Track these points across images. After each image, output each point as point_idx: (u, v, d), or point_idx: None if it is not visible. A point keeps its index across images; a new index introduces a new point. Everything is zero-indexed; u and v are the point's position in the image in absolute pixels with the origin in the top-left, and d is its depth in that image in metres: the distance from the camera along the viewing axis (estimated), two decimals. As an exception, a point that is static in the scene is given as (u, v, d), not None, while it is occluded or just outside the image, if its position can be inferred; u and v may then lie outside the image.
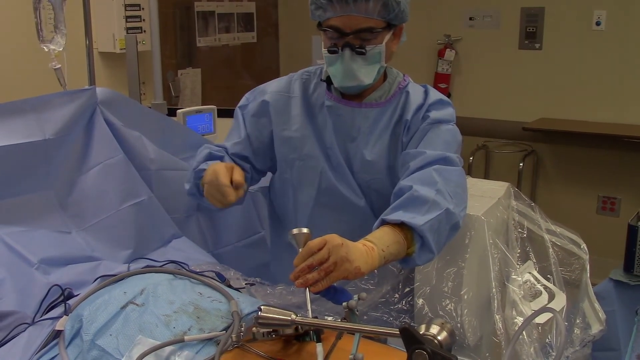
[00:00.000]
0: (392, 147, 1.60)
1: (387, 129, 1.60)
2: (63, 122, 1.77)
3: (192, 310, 1.19)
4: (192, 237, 1.97)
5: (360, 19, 1.48)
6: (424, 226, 1.30)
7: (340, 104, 1.62)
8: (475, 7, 4.62)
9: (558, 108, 4.41)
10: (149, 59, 3.55)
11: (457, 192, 1.42)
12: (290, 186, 1.69)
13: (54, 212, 1.74)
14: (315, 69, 1.72)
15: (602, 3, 4.17)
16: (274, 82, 1.74)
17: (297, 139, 1.64)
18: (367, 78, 1.54)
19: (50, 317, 1.26)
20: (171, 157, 1.99)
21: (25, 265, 1.50)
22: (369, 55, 1.51)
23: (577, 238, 1.82)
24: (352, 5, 1.47)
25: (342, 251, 1.19)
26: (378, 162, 1.59)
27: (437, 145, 1.51)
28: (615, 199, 4.35)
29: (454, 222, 1.39)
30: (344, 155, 1.62)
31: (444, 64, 4.74)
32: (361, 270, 1.21)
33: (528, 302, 1.62)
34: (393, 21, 1.53)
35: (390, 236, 1.30)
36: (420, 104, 1.59)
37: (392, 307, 1.50)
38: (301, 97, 1.68)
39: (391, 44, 1.58)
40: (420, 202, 1.35)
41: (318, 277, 1.18)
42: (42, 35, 1.84)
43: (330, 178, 1.62)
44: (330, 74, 1.58)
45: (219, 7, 4.81)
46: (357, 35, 1.50)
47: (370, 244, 1.26)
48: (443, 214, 1.35)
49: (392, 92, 1.63)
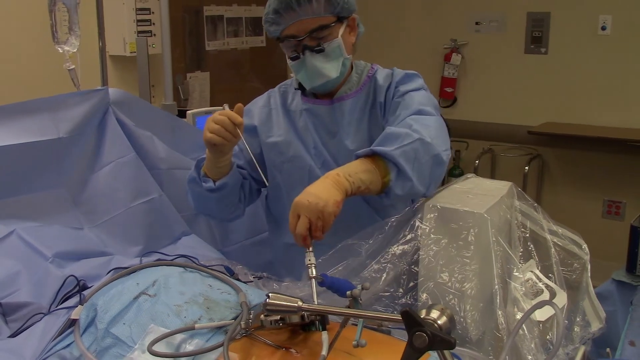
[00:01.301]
0: (373, 132, 1.67)
1: (363, 115, 1.69)
2: (76, 121, 1.82)
3: (202, 301, 1.23)
4: (201, 235, 2.01)
5: (310, 20, 1.58)
6: (395, 152, 1.37)
7: (315, 105, 1.72)
8: (481, 11, 4.66)
9: (563, 112, 4.43)
10: (158, 63, 3.60)
11: (436, 134, 1.48)
12: (283, 189, 1.76)
13: (67, 208, 1.79)
14: (291, 81, 1.82)
15: (608, 8, 4.20)
16: (255, 102, 1.85)
17: (282, 143, 1.73)
18: (332, 72, 1.62)
19: (66, 307, 1.30)
20: (181, 156, 2.04)
21: (40, 259, 1.54)
22: (329, 51, 1.60)
23: (578, 239, 1.84)
24: (299, 10, 1.57)
25: (314, 207, 1.29)
26: (362, 149, 1.65)
27: (411, 107, 1.58)
28: (620, 203, 4.37)
29: (433, 153, 1.44)
30: (329, 153, 1.70)
31: (450, 68, 4.78)
32: (337, 200, 1.32)
33: (529, 300, 1.65)
34: (341, 14, 1.62)
35: (358, 165, 1.39)
36: (388, 84, 1.68)
37: (396, 302, 1.53)
38: (281, 106, 1.78)
39: (348, 37, 1.67)
40: (393, 136, 1.43)
41: (320, 235, 1.31)
42: (57, 37, 1.90)
43: (318, 175, 1.67)
44: (300, 79, 1.69)
45: (227, 11, 4.86)
46: (311, 37, 1.59)
47: (335, 172, 1.36)
48: (417, 142, 1.41)
49: (361, 82, 1.72)
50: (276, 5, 1.60)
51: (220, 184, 1.66)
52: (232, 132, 1.52)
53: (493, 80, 4.70)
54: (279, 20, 1.61)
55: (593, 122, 4.32)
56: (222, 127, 1.51)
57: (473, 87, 4.79)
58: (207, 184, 1.67)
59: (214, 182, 1.67)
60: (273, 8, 1.61)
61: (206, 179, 1.67)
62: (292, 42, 1.62)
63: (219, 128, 1.51)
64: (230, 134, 1.52)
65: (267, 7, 1.64)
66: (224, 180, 1.67)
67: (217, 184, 1.66)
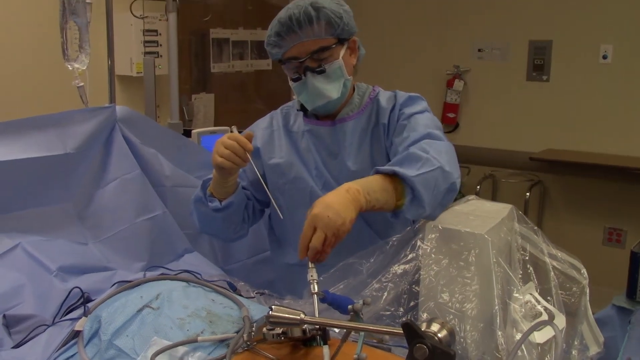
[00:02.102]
0: (375, 153, 1.69)
1: (365, 137, 1.70)
2: (84, 137, 1.85)
3: (204, 314, 1.25)
4: (203, 253, 2.02)
5: (311, 42, 1.61)
6: (416, 178, 1.38)
7: (317, 126, 1.74)
8: (484, 39, 4.72)
9: (565, 139, 4.46)
10: (164, 83, 3.65)
11: (450, 160, 1.49)
12: (285, 210, 1.76)
13: (72, 223, 1.81)
14: (293, 103, 1.85)
15: (609, 37, 4.25)
16: (258, 122, 1.87)
17: (283, 165, 1.75)
18: (334, 93, 1.65)
19: (70, 318, 1.32)
20: (185, 174, 2.06)
21: (45, 272, 1.56)
22: (330, 72, 1.63)
23: (577, 263, 1.85)
24: (300, 32, 1.60)
25: (332, 222, 1.28)
26: (364, 170, 1.66)
27: (418, 129, 1.59)
28: (621, 230, 4.37)
29: (450, 181, 1.45)
30: (331, 173, 1.72)
31: (452, 94, 4.83)
32: (354, 218, 1.32)
33: (528, 322, 1.66)
34: (342, 36, 1.64)
35: (377, 183, 1.38)
36: (392, 106, 1.70)
37: (397, 321, 1.54)
38: (283, 128, 1.80)
39: (349, 58, 1.69)
40: (414, 159, 1.44)
41: (330, 250, 1.31)
42: (67, 54, 1.93)
43: (320, 196, 1.69)
44: (302, 101, 1.70)
45: (233, 34, 4.92)
46: (313, 58, 1.62)
47: (355, 187, 1.35)
48: (438, 171, 1.42)
49: (363, 103, 1.74)
50: (278, 28, 1.63)
51: (227, 203, 1.69)
52: (243, 157, 1.55)
53: (495, 107, 4.74)
54: (280, 43, 1.64)
55: (594, 150, 4.35)
56: (232, 152, 1.54)
57: (475, 113, 4.83)
58: (213, 203, 1.69)
59: (220, 201, 1.69)
60: (275, 31, 1.64)
61: (212, 198, 1.70)
62: (294, 63, 1.64)
63: (229, 153, 1.54)
64: (240, 159, 1.55)
65: (269, 30, 1.67)
66: (229, 200, 1.69)
67: (223, 204, 1.68)
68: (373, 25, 4.83)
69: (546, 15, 4.45)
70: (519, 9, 4.54)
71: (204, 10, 4.31)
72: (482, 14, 4.69)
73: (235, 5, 4.98)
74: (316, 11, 1.59)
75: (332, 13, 1.61)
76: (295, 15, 1.60)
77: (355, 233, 1.67)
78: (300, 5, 1.61)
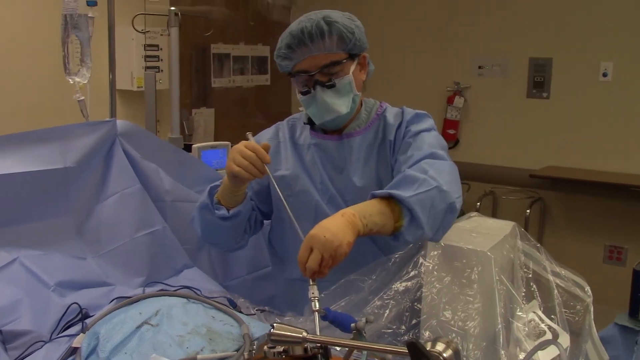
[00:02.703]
0: (381, 169, 1.68)
1: (371, 153, 1.69)
2: (84, 151, 1.84)
3: (204, 332, 1.23)
4: (203, 269, 2.00)
5: (322, 56, 1.60)
6: (411, 198, 1.36)
7: (324, 140, 1.72)
8: (484, 56, 4.73)
9: (565, 156, 4.46)
10: (164, 98, 3.65)
11: (450, 180, 1.48)
12: (287, 224, 1.75)
13: (71, 238, 1.79)
14: (299, 115, 1.84)
15: (609, 55, 4.26)
16: (263, 132, 1.86)
17: (289, 177, 1.73)
18: (343, 108, 1.64)
19: (68, 335, 1.30)
20: (186, 189, 2.05)
21: (42, 287, 1.54)
22: (339, 87, 1.62)
23: (581, 281, 1.84)
24: (311, 46, 1.59)
25: (329, 244, 1.27)
26: (369, 186, 1.65)
27: (423, 148, 1.58)
28: (622, 248, 4.36)
29: (449, 201, 1.43)
30: (336, 188, 1.70)
31: (453, 111, 4.83)
32: (351, 242, 1.31)
33: (532, 341, 1.64)
34: (353, 51, 1.64)
35: (373, 206, 1.37)
36: (399, 123, 1.69)
37: (398, 339, 1.52)
38: (289, 140, 1.79)
39: (359, 74, 1.69)
40: (410, 180, 1.42)
41: (327, 271, 1.29)
42: (69, 68, 1.93)
43: (325, 210, 1.68)
44: (310, 114, 1.69)
45: (234, 49, 4.94)
46: (323, 72, 1.61)
47: (351, 211, 1.34)
48: (435, 190, 1.40)
49: (370, 119, 1.74)
50: (289, 41, 1.62)
51: (234, 212, 1.66)
52: (260, 169, 1.53)
53: (495, 124, 4.74)
54: (291, 55, 1.63)
55: (595, 167, 4.34)
56: (250, 163, 1.52)
57: (475, 129, 4.83)
58: (220, 211, 1.66)
59: (228, 210, 1.66)
60: (286, 43, 1.63)
61: (219, 206, 1.67)
62: (304, 77, 1.63)
63: (247, 164, 1.52)
64: (258, 170, 1.53)
65: (280, 42, 1.66)
66: (238, 209, 1.67)
67: (231, 212, 1.66)
68: (374, 41, 4.80)
69: (546, 33, 4.46)
70: (519, 26, 4.56)
71: (205, 25, 4.32)
72: (483, 30, 4.71)
73: (236, 21, 5.00)
74: (328, 25, 1.59)
75: (344, 28, 1.60)
76: (307, 28, 1.59)
77: (358, 248, 1.66)
78: (312, 18, 1.60)
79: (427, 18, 4.90)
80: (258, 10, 5.15)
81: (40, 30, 3.39)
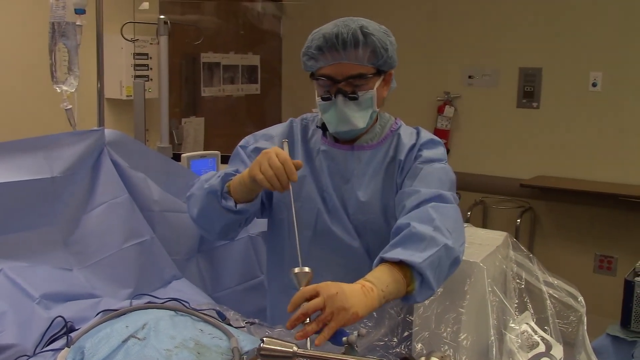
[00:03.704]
0: (386, 187, 1.64)
1: (380, 170, 1.65)
2: (71, 161, 1.81)
3: (192, 345, 1.20)
4: (192, 280, 1.98)
5: (351, 66, 1.55)
6: (423, 264, 1.32)
7: (334, 148, 1.67)
8: (474, 66, 4.74)
9: (555, 166, 4.47)
10: (153, 107, 3.63)
11: (455, 228, 1.44)
12: (286, 227, 1.71)
13: (56, 248, 1.76)
14: (312, 116, 1.77)
15: (598, 65, 4.28)
16: (277, 127, 1.78)
17: (297, 182, 1.67)
18: (360, 122, 1.60)
19: (52, 349, 1.27)
20: (174, 199, 2.03)
21: (27, 300, 1.51)
22: (362, 101, 1.58)
23: (574, 291, 1.83)
24: (343, 53, 1.54)
25: (338, 301, 1.20)
26: (372, 202, 1.62)
27: (431, 183, 1.54)
28: (612, 258, 4.36)
29: (454, 257, 1.40)
30: (339, 198, 1.66)
31: (443, 120, 4.83)
32: (359, 314, 1.22)
33: (525, 353, 1.62)
34: (382, 67, 1.60)
35: (389, 275, 1.31)
36: (412, 144, 1.65)
37: (390, 351, 1.50)
38: (301, 141, 1.73)
39: (382, 90, 1.64)
40: (418, 239, 1.37)
41: (317, 327, 1.19)
42: (56, 77, 1.91)
43: (326, 220, 1.65)
44: (325, 120, 1.64)
45: (224, 59, 4.93)
46: (348, 82, 1.56)
47: (370, 284, 1.27)
48: (442, 249, 1.37)
49: (384, 134, 1.69)
50: (320, 43, 1.56)
51: (243, 208, 1.57)
52: (284, 185, 1.44)
53: (485, 133, 4.74)
54: (319, 57, 1.58)
55: (585, 177, 4.36)
56: (275, 175, 1.43)
57: (465, 139, 4.84)
58: (228, 202, 1.57)
59: (236, 204, 1.58)
60: (317, 45, 1.57)
61: (228, 197, 1.57)
62: (327, 82, 1.58)
63: (272, 175, 1.43)
64: (281, 185, 1.44)
65: (310, 41, 1.60)
66: (246, 206, 1.58)
67: (239, 207, 1.57)
68: (364, 51, 4.84)
69: (536, 43, 4.48)
70: (509, 36, 4.58)
71: (195, 34, 4.31)
72: (473, 40, 4.72)
73: (226, 30, 5.00)
74: (364, 37, 1.55)
75: (379, 42, 1.56)
76: (343, 34, 1.54)
77: (352, 262, 1.63)
78: (349, 26, 1.56)
79: (418, 28, 4.91)
80: (248, 20, 5.14)
81: (27, 38, 3.36)
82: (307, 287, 1.24)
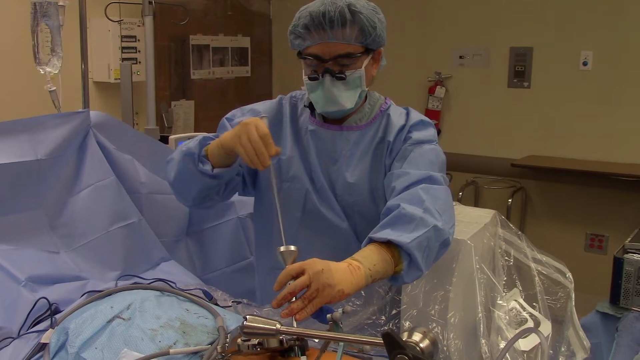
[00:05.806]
0: (374, 169, 1.62)
1: (368, 151, 1.63)
2: (56, 143, 1.79)
3: (178, 325, 1.20)
4: (181, 262, 1.98)
5: (338, 45, 1.52)
6: (411, 244, 1.31)
7: (322, 128, 1.65)
8: (465, 45, 4.71)
9: (546, 145, 4.47)
10: (142, 90, 3.59)
11: (445, 210, 1.43)
12: (274, 207, 1.69)
13: (43, 232, 1.75)
14: (301, 94, 1.74)
15: (589, 44, 4.26)
16: (264, 103, 1.75)
17: (284, 161, 1.65)
18: (348, 102, 1.57)
19: (36, 330, 1.26)
20: (162, 181, 2.00)
21: (13, 282, 1.50)
22: (349, 80, 1.55)
23: (562, 267, 1.83)
24: (330, 32, 1.51)
25: (323, 277, 1.19)
26: (360, 184, 1.60)
27: (421, 165, 1.52)
28: (603, 236, 4.38)
29: (443, 238, 1.39)
30: (327, 179, 1.64)
31: (434, 101, 4.82)
32: (345, 292, 1.21)
33: (513, 329, 1.63)
34: (370, 46, 1.57)
35: (376, 255, 1.30)
36: (402, 125, 1.62)
37: (378, 329, 1.50)
38: (290, 120, 1.70)
39: (371, 68, 1.61)
40: (407, 220, 1.36)
41: (302, 305, 1.18)
42: (39, 58, 1.88)
43: (314, 200, 1.63)
44: (312, 100, 1.61)
45: (213, 41, 4.88)
46: (336, 61, 1.53)
47: (357, 262, 1.27)
48: (431, 230, 1.35)
49: (373, 114, 1.66)
50: (307, 21, 1.53)
51: (219, 172, 1.54)
52: (263, 163, 1.41)
53: (477, 113, 4.73)
54: (306, 36, 1.55)
55: (576, 156, 4.36)
56: (254, 150, 1.40)
57: (457, 119, 4.83)
58: (204, 165, 1.54)
59: (212, 168, 1.54)
60: (303, 23, 1.54)
61: (205, 160, 1.54)
62: (314, 62, 1.55)
63: (252, 151, 1.40)
64: (260, 163, 1.41)
65: (296, 19, 1.57)
66: (223, 171, 1.55)
67: (215, 171, 1.54)
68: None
69: (527, 22, 4.46)
70: (499, 16, 4.55)
71: (183, 16, 4.26)
72: (463, 20, 4.69)
73: (215, 12, 4.94)
74: (352, 15, 1.51)
75: (367, 21, 1.53)
76: (330, 13, 1.50)
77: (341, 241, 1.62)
78: (336, 3, 1.51)
79: (408, 8, 4.87)
80: (237, 1, 5.09)
81: (8, 18, 3.30)
82: (293, 265, 1.23)
